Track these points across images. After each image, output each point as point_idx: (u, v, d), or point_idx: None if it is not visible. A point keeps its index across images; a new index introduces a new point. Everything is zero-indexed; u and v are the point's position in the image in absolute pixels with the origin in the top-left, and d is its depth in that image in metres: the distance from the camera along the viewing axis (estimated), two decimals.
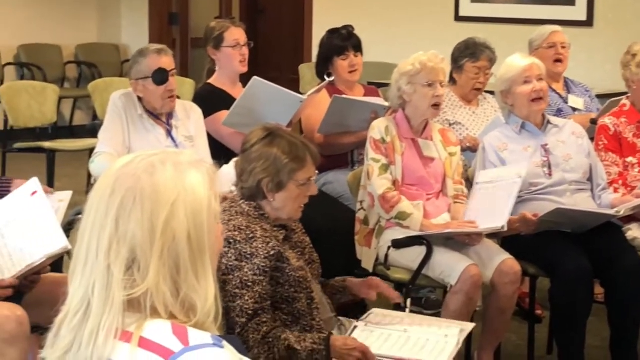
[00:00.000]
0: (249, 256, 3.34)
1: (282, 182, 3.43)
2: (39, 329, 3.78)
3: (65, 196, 4.22)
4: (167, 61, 4.85)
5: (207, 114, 5.12)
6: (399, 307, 4.15)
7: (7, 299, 3.55)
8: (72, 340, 1.83)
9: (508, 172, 4.67)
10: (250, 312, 3.30)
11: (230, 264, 3.33)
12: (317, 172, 3.58)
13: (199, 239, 1.85)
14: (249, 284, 3.32)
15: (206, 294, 1.85)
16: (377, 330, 3.66)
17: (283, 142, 3.45)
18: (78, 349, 1.81)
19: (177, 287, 1.83)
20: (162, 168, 1.85)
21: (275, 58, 12.28)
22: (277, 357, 3.27)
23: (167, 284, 1.82)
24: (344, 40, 5.66)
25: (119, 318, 1.80)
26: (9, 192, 4.24)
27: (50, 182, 7.64)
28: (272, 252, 3.37)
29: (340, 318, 3.78)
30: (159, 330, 1.80)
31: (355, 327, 3.66)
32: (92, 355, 1.79)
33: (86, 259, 1.85)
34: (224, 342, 1.82)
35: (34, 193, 3.77)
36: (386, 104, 5.26)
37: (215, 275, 1.90)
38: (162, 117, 4.91)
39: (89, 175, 8.23)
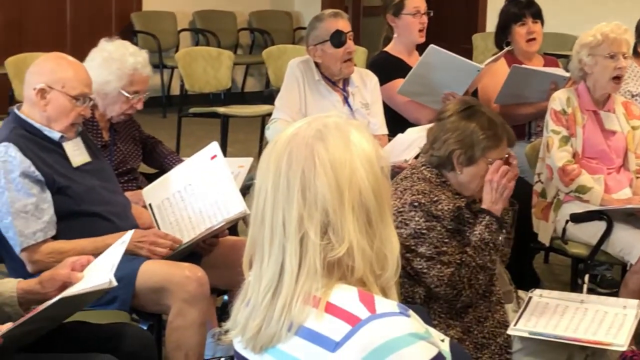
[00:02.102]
0: (435, 218, 3.33)
1: (473, 157, 3.41)
2: (216, 291, 3.86)
3: (245, 162, 4.28)
4: (343, 24, 4.87)
5: (382, 81, 5.11)
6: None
7: (186, 260, 3.62)
8: (262, 320, 1.83)
9: None
10: (445, 280, 3.33)
11: (419, 226, 3.33)
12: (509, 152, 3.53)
13: (380, 189, 1.85)
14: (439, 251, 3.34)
15: (392, 244, 1.86)
16: (553, 301, 3.58)
17: (483, 118, 3.42)
18: (267, 326, 1.82)
19: (371, 240, 1.83)
20: (327, 131, 1.85)
21: (449, 28, 12.15)
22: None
23: (365, 238, 1.81)
24: (522, 8, 5.55)
25: (316, 283, 1.80)
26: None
27: (223, 147, 7.76)
28: (457, 214, 3.38)
29: (517, 290, 3.72)
30: (346, 296, 1.79)
31: (530, 297, 3.60)
32: (282, 327, 1.80)
33: (272, 238, 1.84)
34: (410, 312, 1.80)
35: (213, 157, 3.83)
36: (566, 74, 5.13)
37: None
38: (339, 84, 4.93)
39: (261, 141, 8.37)
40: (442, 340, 2.06)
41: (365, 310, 1.77)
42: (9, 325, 2.72)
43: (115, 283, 2.77)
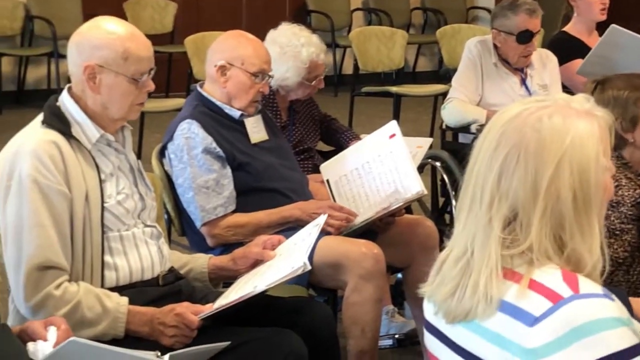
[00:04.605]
0: (614, 204, 3.27)
1: (634, 116, 3.31)
2: (390, 269, 3.88)
3: (424, 142, 4.28)
4: (535, 24, 4.86)
5: (561, 62, 5.06)
6: None
7: (362, 237, 3.65)
8: (454, 287, 1.84)
9: None
10: (619, 260, 3.24)
11: None
12: None
13: (585, 196, 1.79)
14: (617, 232, 3.25)
15: (591, 247, 1.81)
16: None
17: (614, 81, 3.34)
18: (461, 299, 1.82)
19: (562, 244, 1.80)
20: (549, 123, 1.79)
21: (630, 7, 11.82)
22: None
23: (550, 241, 1.79)
24: None
25: (495, 272, 1.79)
26: (348, 145, 4.36)
27: None
28: (639, 199, 3.30)
29: None
30: (549, 274, 1.78)
31: None
32: (478, 304, 1.79)
33: (470, 207, 1.84)
34: (614, 296, 1.77)
35: (392, 136, 3.84)
36: None
37: (602, 225, 1.84)
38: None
39: (433, 121, 8.34)
40: None
41: (569, 289, 1.75)
42: (209, 307, 2.80)
43: (309, 267, 2.80)
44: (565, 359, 1.70)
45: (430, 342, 1.96)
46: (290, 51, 4.16)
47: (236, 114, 3.72)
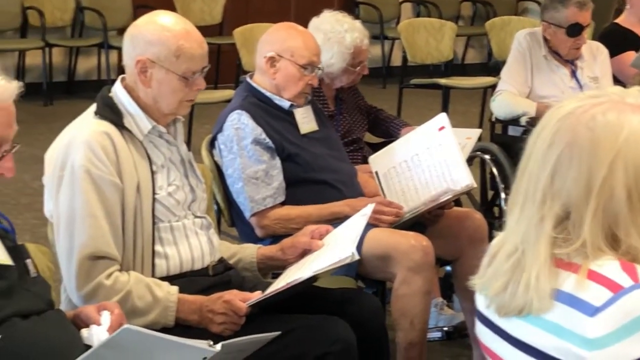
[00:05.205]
0: None
1: None
2: (439, 262, 3.88)
3: (473, 134, 4.27)
4: (585, 17, 4.82)
5: (613, 54, 5.02)
6: None
7: (411, 229, 3.65)
8: (506, 282, 1.84)
9: None
10: None
11: None
12: None
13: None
14: None
15: None
16: None
17: None
18: (514, 295, 1.82)
19: (616, 241, 1.78)
20: (603, 120, 1.77)
21: None
22: None
23: (603, 239, 1.77)
24: None
25: (545, 269, 1.78)
26: (398, 134, 4.36)
27: None
28: None
29: None
30: (608, 265, 1.76)
31: None
32: (532, 301, 1.79)
33: (523, 205, 1.84)
34: None
35: (441, 128, 3.83)
36: None
37: None
38: None
39: (482, 113, 8.31)
40: None
41: (629, 279, 1.74)
42: (258, 294, 2.81)
43: (357, 257, 2.81)
44: (626, 349, 1.70)
45: (484, 334, 1.95)
46: (334, 37, 4.17)
47: (286, 104, 3.73)
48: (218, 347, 2.10)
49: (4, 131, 2.25)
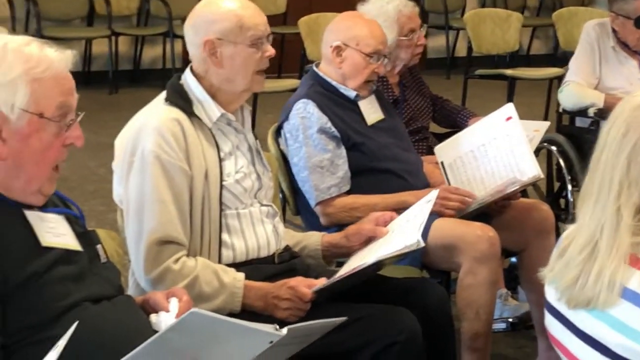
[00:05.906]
0: None
1: None
2: (504, 253, 3.86)
3: (542, 126, 4.24)
4: None
5: None
6: None
7: (477, 219, 3.63)
8: (577, 274, 1.82)
9: None
10: None
11: None
12: None
13: None
14: None
15: None
16: None
17: None
18: (584, 286, 1.81)
19: None
20: None
21: None
22: None
23: None
24: None
25: (624, 259, 1.77)
26: (466, 125, 4.33)
27: None
28: None
29: None
30: None
31: None
32: (600, 292, 1.78)
33: (597, 196, 1.83)
34: None
35: (508, 119, 3.81)
36: None
37: None
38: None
39: (547, 105, 8.23)
40: None
41: None
42: (322, 281, 2.82)
43: (422, 244, 2.80)
44: None
45: (553, 325, 1.94)
46: (377, 11, 4.16)
47: (352, 94, 3.73)
48: (284, 331, 2.11)
49: (67, 99, 2.27)
